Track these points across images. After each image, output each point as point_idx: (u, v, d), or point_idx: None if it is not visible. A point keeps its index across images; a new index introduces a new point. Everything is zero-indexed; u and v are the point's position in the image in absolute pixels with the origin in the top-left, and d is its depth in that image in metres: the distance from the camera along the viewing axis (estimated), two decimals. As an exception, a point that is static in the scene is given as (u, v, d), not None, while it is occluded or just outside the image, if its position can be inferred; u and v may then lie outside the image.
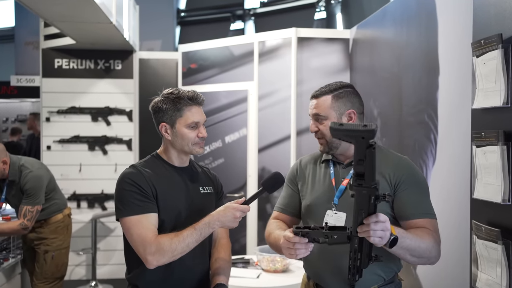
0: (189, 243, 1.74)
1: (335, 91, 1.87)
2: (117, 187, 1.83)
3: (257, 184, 4.45)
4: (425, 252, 1.68)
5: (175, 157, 1.91)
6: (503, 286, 1.83)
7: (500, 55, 1.85)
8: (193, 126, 1.86)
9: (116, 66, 5.23)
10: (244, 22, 11.09)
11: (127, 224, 1.76)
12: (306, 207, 1.91)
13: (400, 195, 1.79)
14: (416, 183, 1.82)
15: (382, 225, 1.44)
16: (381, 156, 1.85)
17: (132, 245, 1.76)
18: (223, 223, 1.76)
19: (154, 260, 1.71)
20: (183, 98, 1.86)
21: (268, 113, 4.36)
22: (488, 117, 1.96)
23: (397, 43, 3.07)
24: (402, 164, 1.85)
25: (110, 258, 5.24)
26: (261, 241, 4.31)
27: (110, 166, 5.21)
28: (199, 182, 1.96)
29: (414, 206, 1.78)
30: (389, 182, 1.80)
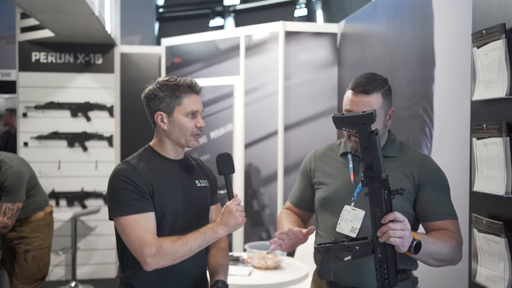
0: (192, 247, 1.66)
1: (383, 87, 1.78)
2: (110, 185, 1.71)
3: (243, 180, 4.39)
4: (448, 255, 1.67)
5: (170, 149, 1.81)
6: (506, 279, 1.81)
7: (503, 45, 1.82)
8: (192, 114, 1.77)
9: (97, 60, 5.09)
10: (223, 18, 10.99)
11: (123, 225, 1.67)
12: (323, 199, 1.85)
13: (422, 194, 1.76)
14: (439, 183, 1.79)
15: (400, 224, 1.40)
16: (405, 155, 1.82)
17: (129, 246, 1.67)
18: (227, 226, 1.68)
19: (153, 263, 1.63)
20: (182, 85, 1.77)
21: (254, 108, 4.30)
22: (489, 109, 1.94)
23: (390, 36, 3.04)
24: (426, 163, 1.82)
25: (91, 257, 5.11)
26: (248, 238, 4.25)
27: (91, 163, 5.07)
28: (195, 176, 1.87)
29: (436, 207, 1.75)
30: (413, 181, 1.76)
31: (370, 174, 1.36)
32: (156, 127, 1.82)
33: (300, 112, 4.21)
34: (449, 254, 1.66)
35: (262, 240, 4.13)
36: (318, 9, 9.84)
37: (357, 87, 1.75)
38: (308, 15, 9.93)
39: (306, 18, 9.86)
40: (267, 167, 4.25)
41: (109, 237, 5.14)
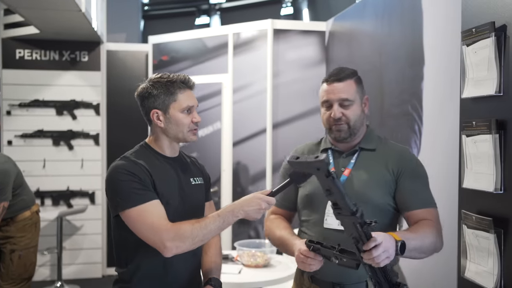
0: (211, 229, 1.64)
1: (354, 75, 1.83)
2: (111, 180, 1.69)
3: (231, 179, 4.38)
4: (431, 245, 1.69)
5: (166, 146, 1.80)
6: (494, 275, 1.83)
7: (492, 43, 1.84)
8: (187, 110, 1.76)
9: (83, 57, 5.03)
10: (209, 16, 10.95)
11: (133, 216, 1.64)
12: (305, 197, 1.86)
13: (401, 185, 1.78)
14: (416, 173, 1.81)
15: (382, 247, 1.40)
16: (383, 147, 1.84)
17: (144, 235, 1.64)
18: (246, 213, 1.64)
19: (173, 247, 1.60)
20: (175, 81, 1.75)
21: (243, 106, 4.29)
22: (478, 106, 1.95)
23: (379, 34, 3.06)
24: (404, 154, 1.84)
25: (77, 257, 5.06)
26: (236, 236, 4.24)
27: (76, 161, 5.02)
28: (190, 173, 1.87)
29: (415, 197, 1.77)
30: (391, 173, 1.78)
31: (338, 211, 1.37)
32: (152, 125, 1.81)
33: (288, 110, 4.22)
34: (432, 244, 1.69)
35: (250, 238, 4.13)
36: (304, 7, 9.86)
37: (330, 77, 1.82)
38: (294, 13, 9.94)
39: (292, 17, 9.87)
40: (255, 165, 4.24)
41: (95, 236, 5.10)
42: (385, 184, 1.77)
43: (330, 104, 1.80)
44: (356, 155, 1.82)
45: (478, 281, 1.92)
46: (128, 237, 1.69)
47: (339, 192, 1.33)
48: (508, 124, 1.78)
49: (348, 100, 1.79)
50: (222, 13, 10.88)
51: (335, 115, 1.78)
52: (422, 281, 2.59)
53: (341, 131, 1.80)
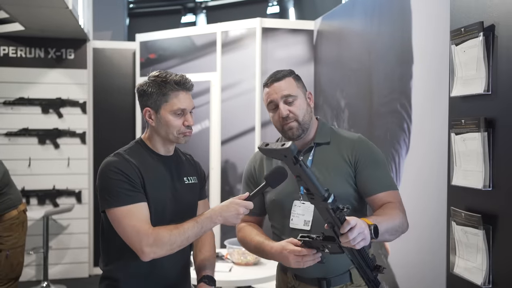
0: (189, 236, 1.64)
1: (292, 74, 1.86)
2: (102, 177, 1.69)
3: (220, 177, 4.38)
4: (399, 227, 1.70)
5: (160, 145, 1.79)
6: (483, 270, 1.86)
7: (481, 43, 1.87)
8: (179, 113, 1.73)
9: (69, 55, 4.98)
10: (195, 15, 10.91)
11: (117, 216, 1.64)
12: (272, 201, 1.87)
13: (360, 173, 1.80)
14: (373, 158, 1.82)
15: (357, 229, 1.41)
16: (337, 139, 1.86)
17: (125, 237, 1.64)
18: (225, 219, 1.65)
19: (151, 252, 1.61)
20: (169, 82, 1.73)
21: (231, 104, 4.29)
22: (467, 105, 1.99)
23: (368, 33, 3.08)
24: (358, 142, 1.85)
25: (63, 257, 5.01)
26: (224, 234, 4.25)
27: (63, 160, 4.97)
28: (184, 172, 1.86)
29: (376, 181, 1.78)
30: (349, 162, 1.80)
31: (311, 196, 1.38)
32: (147, 123, 1.80)
33: (277, 109, 4.22)
34: (400, 225, 1.70)
35: (239, 236, 4.13)
36: (290, 6, 9.88)
37: (269, 80, 1.84)
38: (281, 12, 9.96)
39: (278, 16, 9.89)
40: (244, 164, 4.21)
41: (82, 236, 5.06)
42: (345, 175, 1.79)
43: (275, 104, 1.80)
44: (312, 151, 1.83)
45: (467, 277, 1.95)
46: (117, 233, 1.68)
47: (308, 178, 1.33)
48: (497, 122, 1.81)
49: (291, 95, 1.79)
50: (208, 11, 10.86)
51: (282, 113, 1.78)
52: (411, 278, 2.62)
53: (292, 128, 1.80)
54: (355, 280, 1.80)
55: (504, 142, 1.78)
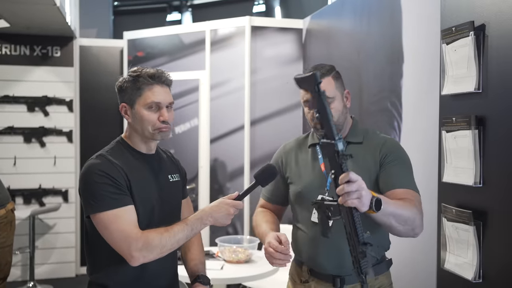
0: (179, 239, 1.61)
1: (332, 72, 1.84)
2: (85, 180, 1.62)
3: (209, 175, 4.38)
4: (409, 219, 1.62)
5: (141, 143, 1.73)
6: (474, 265, 1.90)
7: (472, 42, 1.90)
8: (152, 107, 1.67)
9: (55, 53, 4.92)
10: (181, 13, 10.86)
11: (104, 220, 1.58)
12: (297, 193, 1.86)
13: (386, 168, 1.78)
14: (402, 159, 1.82)
15: (355, 185, 1.34)
16: (369, 139, 1.86)
17: (112, 242, 1.59)
18: (215, 219, 1.63)
19: (140, 257, 1.56)
20: (142, 75, 1.68)
21: (220, 103, 4.29)
22: (458, 103, 2.02)
23: (358, 32, 3.11)
24: (388, 141, 1.86)
25: (49, 256, 4.95)
26: (214, 233, 4.24)
27: (49, 159, 4.91)
28: (168, 170, 1.81)
29: (397, 177, 1.76)
30: (377, 161, 1.79)
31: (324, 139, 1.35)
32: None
33: (266, 107, 4.24)
34: (410, 218, 1.61)
35: (229, 234, 4.13)
36: (276, 5, 9.89)
37: None
38: (267, 11, 9.96)
39: (264, 14, 9.89)
40: (233, 162, 4.25)
41: (69, 235, 5.01)
42: (372, 176, 1.77)
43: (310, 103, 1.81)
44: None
45: (458, 272, 1.99)
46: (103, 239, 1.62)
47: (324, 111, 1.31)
48: (487, 120, 1.85)
49: (328, 98, 1.77)
50: (193, 9, 10.81)
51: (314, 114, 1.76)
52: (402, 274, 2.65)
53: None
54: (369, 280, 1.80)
55: (494, 139, 1.81)
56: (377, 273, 1.81)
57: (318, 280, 1.82)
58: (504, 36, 1.76)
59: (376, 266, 1.82)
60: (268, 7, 9.96)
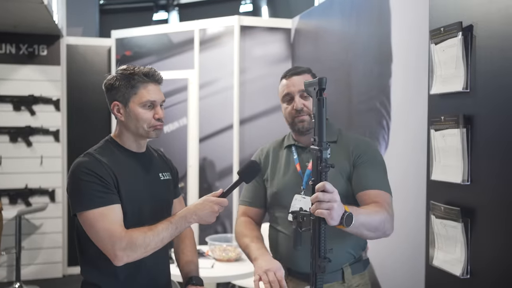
0: (163, 237, 1.60)
1: (310, 71, 1.91)
2: (73, 178, 1.62)
3: (198, 174, 4.38)
4: (380, 224, 1.66)
5: (131, 141, 1.73)
6: (462, 262, 1.93)
7: (460, 42, 1.94)
8: (148, 105, 1.68)
9: (41, 51, 4.88)
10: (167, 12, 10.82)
11: (90, 219, 1.58)
12: (274, 194, 1.89)
13: (358, 168, 1.81)
14: (374, 159, 1.86)
15: (328, 196, 1.36)
16: (343, 139, 1.90)
17: (97, 241, 1.59)
18: (200, 217, 1.61)
19: (124, 256, 1.56)
20: (137, 74, 1.67)
21: (209, 102, 4.29)
22: (446, 102, 2.05)
23: (346, 32, 3.13)
24: (362, 141, 1.91)
25: (36, 257, 4.91)
26: (202, 231, 4.24)
27: (35, 159, 4.86)
28: (159, 168, 1.81)
29: (372, 179, 1.80)
30: (350, 161, 1.83)
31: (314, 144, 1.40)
32: (117, 119, 1.75)
33: (255, 107, 4.25)
34: (380, 223, 1.65)
35: (217, 233, 4.14)
36: (263, 5, 9.90)
37: (288, 72, 1.90)
38: (254, 10, 9.98)
39: (251, 14, 9.90)
40: (222, 161, 4.26)
41: (56, 235, 4.97)
42: (346, 174, 1.81)
43: (291, 97, 1.85)
44: None
45: (446, 268, 2.02)
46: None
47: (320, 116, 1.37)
48: (475, 119, 1.88)
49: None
50: (180, 9, 10.78)
51: (297, 106, 1.83)
52: (390, 271, 2.68)
53: (304, 121, 1.85)
54: (347, 279, 1.82)
55: (482, 138, 1.84)
56: (354, 272, 1.84)
57: (296, 279, 1.84)
58: (491, 37, 1.79)
59: (354, 265, 1.85)
60: (255, 7, 9.97)
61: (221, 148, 4.24)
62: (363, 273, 1.90)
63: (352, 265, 1.85)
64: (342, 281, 1.82)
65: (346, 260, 1.84)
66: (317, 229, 1.40)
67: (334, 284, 1.80)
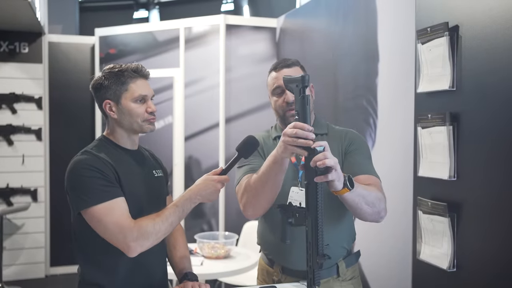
0: (172, 221, 1.62)
1: (299, 64, 1.90)
2: (73, 176, 1.62)
3: (183, 173, 4.37)
4: (376, 200, 1.67)
5: (125, 139, 1.74)
6: (448, 255, 1.98)
7: (446, 42, 1.99)
8: (140, 100, 1.69)
9: (23, 49, 4.81)
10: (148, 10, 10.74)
11: (97, 214, 1.57)
12: None
13: (349, 156, 1.84)
14: (363, 148, 1.89)
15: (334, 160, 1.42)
16: (332, 131, 1.92)
17: (107, 235, 1.58)
18: (203, 197, 1.64)
19: (138, 246, 1.56)
20: (126, 70, 1.69)
21: (195, 100, 4.29)
22: (433, 100, 2.10)
23: (332, 30, 3.17)
24: (350, 132, 1.93)
25: (18, 257, 4.84)
26: (188, 229, 4.24)
27: (17, 158, 4.79)
28: (152, 166, 1.83)
29: (359, 165, 1.82)
30: (341, 151, 1.86)
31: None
32: (108, 118, 1.75)
33: (241, 105, 4.27)
34: (376, 199, 1.66)
35: (204, 231, 4.15)
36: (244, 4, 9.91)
37: (278, 65, 1.88)
38: (235, 9, 9.97)
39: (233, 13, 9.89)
40: (208, 159, 4.27)
41: (38, 235, 4.91)
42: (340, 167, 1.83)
43: (282, 90, 1.83)
44: None
45: (433, 262, 2.07)
46: (97, 236, 1.61)
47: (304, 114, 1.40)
48: (461, 116, 1.94)
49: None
50: (161, 7, 10.71)
51: (288, 99, 1.81)
52: (379, 266, 2.73)
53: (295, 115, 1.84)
54: (341, 274, 1.83)
55: (468, 135, 1.90)
56: (347, 265, 1.86)
57: (291, 277, 1.82)
58: (477, 37, 1.84)
59: (347, 258, 1.87)
60: (237, 6, 9.97)
61: (207, 146, 4.25)
62: (354, 265, 1.92)
63: (345, 258, 1.86)
64: (337, 276, 1.82)
65: (341, 255, 1.85)
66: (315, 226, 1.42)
67: (329, 280, 1.81)
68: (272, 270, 1.88)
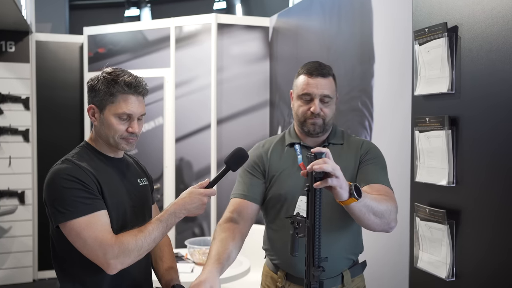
0: (155, 237, 1.54)
1: (332, 72, 1.86)
2: (53, 186, 1.52)
3: (174, 175, 4.29)
4: (386, 212, 1.61)
5: (106, 147, 1.66)
6: (447, 264, 1.93)
7: (445, 43, 1.93)
8: (124, 117, 1.58)
9: (9, 48, 4.70)
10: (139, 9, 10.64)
11: (76, 228, 1.48)
12: (279, 196, 1.81)
13: (364, 165, 1.81)
14: (379, 159, 1.86)
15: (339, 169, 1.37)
16: (348, 141, 1.89)
17: (86, 251, 1.50)
18: (189, 211, 1.57)
19: (118, 264, 1.48)
20: (119, 82, 1.57)
21: (186, 101, 4.21)
22: (430, 103, 2.04)
23: (326, 31, 3.11)
24: (367, 142, 1.91)
25: (4, 261, 4.74)
26: (179, 233, 4.17)
27: (3, 159, 4.69)
28: (136, 174, 1.76)
29: (374, 174, 1.78)
30: (357, 161, 1.82)
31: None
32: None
33: (233, 106, 4.20)
34: (387, 210, 1.61)
35: (195, 235, 4.07)
36: (237, 3, 9.84)
37: (315, 71, 1.80)
38: (228, 8, 9.91)
39: (225, 12, 9.82)
40: (199, 161, 4.19)
41: (26, 239, 4.81)
42: (350, 175, 1.78)
43: (311, 98, 1.78)
44: None
45: (431, 271, 2.01)
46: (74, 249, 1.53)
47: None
48: (460, 120, 1.88)
49: (329, 97, 1.80)
50: (152, 5, 10.62)
51: (315, 109, 1.77)
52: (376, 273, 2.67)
53: (315, 125, 1.79)
54: (346, 283, 1.80)
55: (467, 139, 1.84)
56: (353, 275, 1.84)
57: (295, 285, 1.79)
58: (476, 38, 1.78)
59: (352, 268, 1.84)
60: (229, 5, 9.90)
61: (198, 148, 4.17)
62: (361, 275, 1.89)
63: (351, 268, 1.84)
64: (341, 285, 1.80)
65: (346, 265, 1.82)
66: (311, 236, 1.37)
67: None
68: (277, 276, 1.85)
